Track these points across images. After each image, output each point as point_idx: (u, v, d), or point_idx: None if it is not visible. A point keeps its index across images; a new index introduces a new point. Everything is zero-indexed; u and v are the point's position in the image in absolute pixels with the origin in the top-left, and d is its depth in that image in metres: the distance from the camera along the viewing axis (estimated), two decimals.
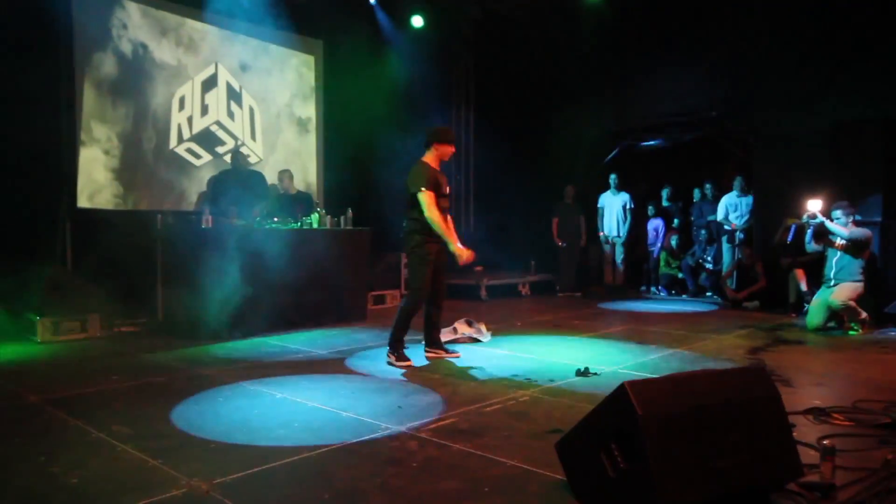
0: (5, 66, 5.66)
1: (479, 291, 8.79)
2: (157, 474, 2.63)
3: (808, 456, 2.63)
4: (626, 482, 2.08)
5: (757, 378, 2.37)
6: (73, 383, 4.12)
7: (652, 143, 9.79)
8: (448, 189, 4.95)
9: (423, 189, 4.65)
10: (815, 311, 6.30)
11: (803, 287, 7.09)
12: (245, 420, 3.37)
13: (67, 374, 4.41)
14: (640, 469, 2.02)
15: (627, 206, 9.64)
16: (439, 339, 5.06)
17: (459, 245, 4.74)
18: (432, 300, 4.90)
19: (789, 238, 6.66)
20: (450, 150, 4.91)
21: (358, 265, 6.97)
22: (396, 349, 4.79)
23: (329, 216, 6.89)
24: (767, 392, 2.33)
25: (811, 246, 6.44)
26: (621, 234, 9.63)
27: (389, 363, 4.72)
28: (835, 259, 6.24)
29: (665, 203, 9.94)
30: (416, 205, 4.71)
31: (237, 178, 7.01)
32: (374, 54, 8.91)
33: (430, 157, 4.86)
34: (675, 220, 9.67)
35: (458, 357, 4.97)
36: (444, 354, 4.99)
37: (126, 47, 6.87)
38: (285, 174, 7.53)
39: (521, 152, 9.95)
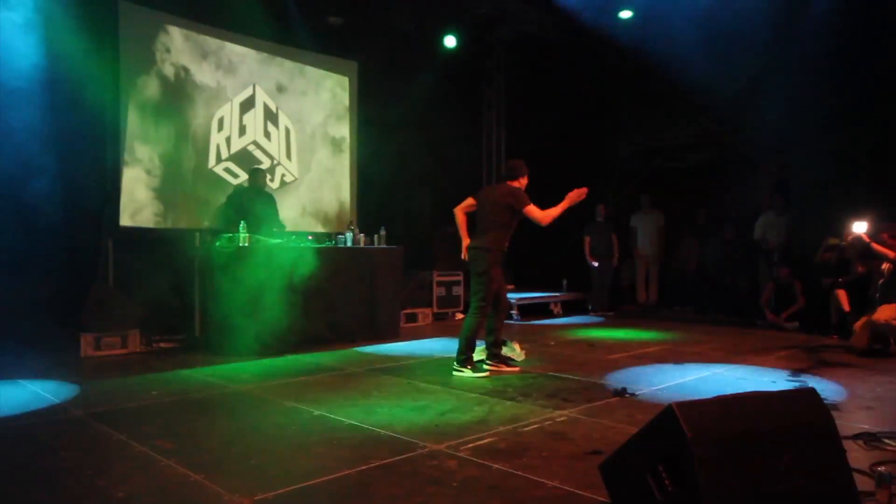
0: (56, 89, 5.88)
1: (512, 310, 8.75)
2: (201, 489, 2.65)
3: (862, 483, 2.54)
4: None
5: (808, 401, 2.30)
6: (115, 398, 4.20)
7: (685, 161, 9.71)
8: None
9: (530, 205, 5.01)
10: (859, 333, 6.12)
11: (845, 308, 6.91)
12: (284, 437, 3.39)
13: (109, 389, 4.49)
14: (690, 493, 1.97)
15: (661, 225, 9.54)
16: (499, 352, 5.25)
17: (569, 200, 4.96)
18: (496, 313, 5.17)
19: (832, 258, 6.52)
20: (526, 182, 5.27)
21: (391, 283, 7.01)
22: (465, 363, 4.99)
23: (363, 235, 6.96)
24: (820, 416, 2.26)
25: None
26: (655, 253, 9.53)
27: (461, 374, 4.95)
28: (880, 282, 6.08)
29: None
30: (491, 227, 5.04)
31: (253, 197, 7.01)
32: (407, 75, 9.03)
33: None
34: None
35: (517, 371, 5.12)
36: (504, 368, 5.15)
37: (169, 70, 7.08)
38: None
39: (552, 171, 9.93)
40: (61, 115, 5.88)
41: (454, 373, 4.95)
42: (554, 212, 4.99)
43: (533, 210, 4.99)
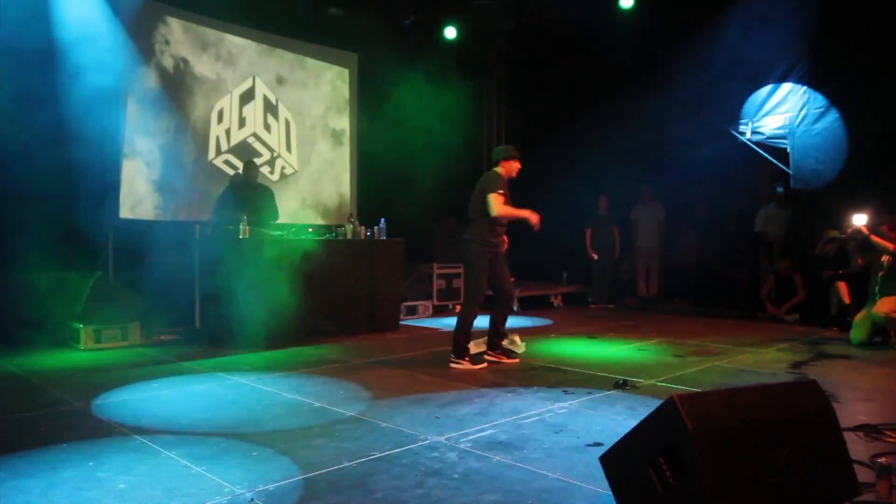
0: (55, 81, 5.85)
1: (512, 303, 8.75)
2: (201, 481, 2.66)
3: (862, 474, 2.54)
4: (675, 498, 2.03)
5: (810, 393, 2.30)
6: (116, 389, 4.20)
7: (687, 153, 9.68)
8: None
9: (499, 192, 4.89)
10: (859, 326, 6.13)
11: (845, 301, 6.91)
12: (285, 429, 3.40)
13: (111, 381, 4.49)
14: (691, 485, 1.98)
15: (662, 218, 9.52)
16: (500, 342, 5.22)
17: (530, 213, 4.95)
18: (498, 305, 5.14)
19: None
20: (516, 165, 5.08)
21: (391, 275, 7.00)
22: (462, 354, 4.98)
23: (363, 227, 6.95)
24: (821, 407, 2.26)
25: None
26: (655, 246, 9.52)
27: (455, 367, 4.92)
28: (880, 274, 6.08)
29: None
30: (475, 216, 4.98)
31: (248, 190, 6.91)
32: (407, 66, 8.99)
33: (503, 172, 5.08)
34: None
35: (517, 362, 5.12)
36: (504, 359, 5.15)
37: (168, 62, 7.05)
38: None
39: (553, 163, 9.92)
40: (59, 110, 5.85)
41: (451, 365, 4.95)
42: (510, 211, 4.90)
43: (495, 197, 4.88)
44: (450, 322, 7.57)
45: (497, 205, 4.86)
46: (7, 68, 5.66)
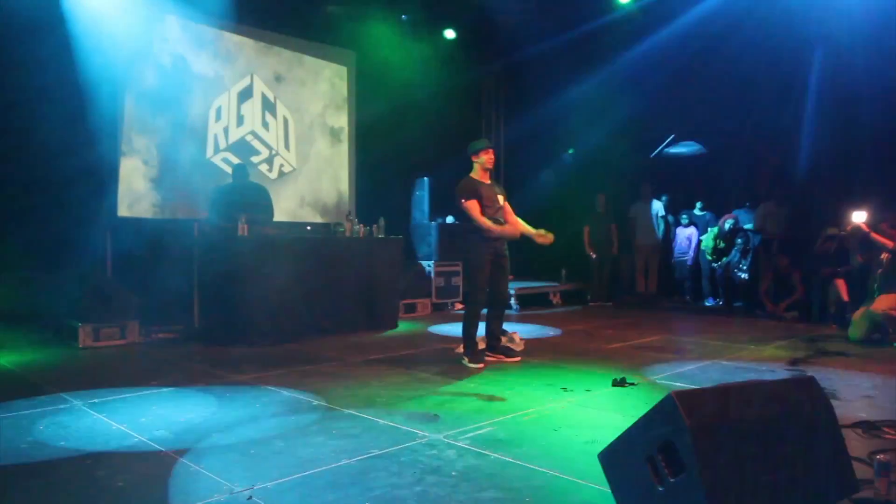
0: (51, 78, 5.84)
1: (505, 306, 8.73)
2: (200, 479, 2.65)
3: (860, 471, 2.54)
4: (673, 494, 2.03)
5: (808, 389, 2.30)
6: (114, 388, 4.20)
7: (685, 150, 9.68)
8: (500, 199, 5.12)
9: (463, 200, 4.90)
10: (858, 323, 6.13)
11: (844, 298, 6.91)
12: (283, 426, 3.39)
13: (108, 379, 4.48)
14: (689, 481, 1.97)
15: (660, 215, 9.52)
16: (498, 343, 5.22)
17: (528, 229, 5.01)
18: (491, 306, 5.11)
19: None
20: (486, 155, 5.06)
21: (390, 273, 6.99)
22: (469, 352, 4.98)
23: (361, 225, 6.94)
24: (818, 404, 2.26)
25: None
26: (655, 244, 9.51)
27: (464, 363, 4.93)
28: (879, 271, 6.08)
29: (698, 212, 9.79)
30: (465, 216, 5.01)
31: (240, 193, 6.62)
32: (405, 64, 8.98)
33: (475, 173, 5.08)
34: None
35: (517, 361, 5.10)
36: (504, 358, 5.14)
37: (166, 60, 7.03)
38: None
39: (552, 160, 9.92)
40: (54, 105, 5.83)
41: (464, 362, 4.98)
42: (486, 223, 4.85)
43: (470, 206, 4.88)
44: (448, 320, 7.61)
45: (474, 214, 4.87)
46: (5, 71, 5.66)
